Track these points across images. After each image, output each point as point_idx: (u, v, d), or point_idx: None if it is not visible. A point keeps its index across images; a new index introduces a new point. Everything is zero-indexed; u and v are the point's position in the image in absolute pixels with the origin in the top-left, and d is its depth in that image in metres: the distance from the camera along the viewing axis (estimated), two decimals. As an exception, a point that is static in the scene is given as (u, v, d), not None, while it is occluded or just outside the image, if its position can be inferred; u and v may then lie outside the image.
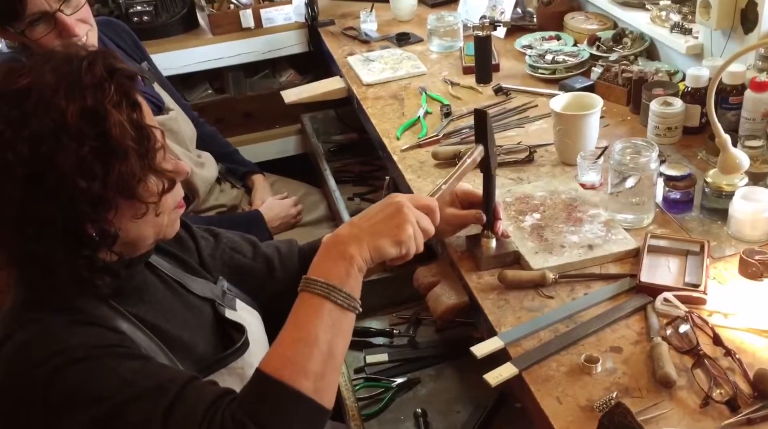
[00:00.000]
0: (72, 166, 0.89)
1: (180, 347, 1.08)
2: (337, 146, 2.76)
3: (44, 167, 0.89)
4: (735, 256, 1.31)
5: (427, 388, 1.69)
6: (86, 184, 0.90)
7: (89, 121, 0.90)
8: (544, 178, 1.61)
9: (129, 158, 0.93)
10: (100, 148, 0.91)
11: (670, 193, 1.44)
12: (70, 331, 0.94)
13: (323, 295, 0.97)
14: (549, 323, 1.21)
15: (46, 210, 0.90)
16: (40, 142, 0.88)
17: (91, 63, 0.94)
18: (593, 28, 2.20)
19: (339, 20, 2.67)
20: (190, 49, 2.64)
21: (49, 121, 0.89)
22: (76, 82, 0.92)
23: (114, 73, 0.95)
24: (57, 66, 0.93)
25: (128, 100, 0.95)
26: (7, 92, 0.91)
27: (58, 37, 1.62)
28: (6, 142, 0.89)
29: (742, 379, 1.07)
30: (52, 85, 0.90)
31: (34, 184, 0.89)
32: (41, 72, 0.92)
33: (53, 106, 0.89)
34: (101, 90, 0.92)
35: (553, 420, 1.05)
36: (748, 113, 1.56)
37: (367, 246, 1.01)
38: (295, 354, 0.93)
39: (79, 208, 0.91)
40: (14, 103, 0.90)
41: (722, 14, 1.70)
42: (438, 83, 2.14)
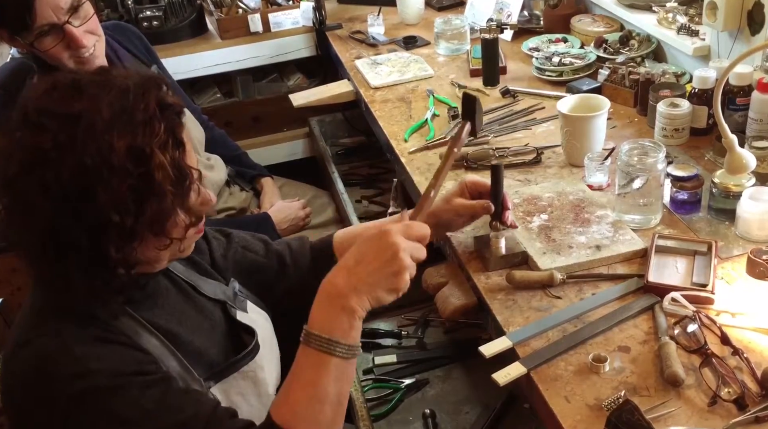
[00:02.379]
0: (108, 200, 0.90)
1: (192, 351, 1.09)
2: (345, 149, 2.78)
3: (81, 196, 0.90)
4: (742, 256, 1.31)
5: (436, 389, 1.70)
6: (119, 218, 0.91)
7: (134, 160, 0.91)
8: (552, 179, 1.62)
9: (165, 199, 0.95)
10: (138, 187, 0.92)
11: (677, 193, 1.45)
12: (92, 352, 0.95)
13: (328, 352, 0.98)
14: (557, 323, 1.22)
15: (73, 234, 0.91)
16: (83, 172, 0.89)
17: (145, 96, 0.95)
18: (600, 30, 2.20)
19: (346, 24, 2.69)
20: (198, 54, 2.65)
21: (96, 153, 0.89)
22: (128, 119, 0.92)
23: (165, 108, 0.96)
24: (113, 100, 0.92)
25: (174, 140, 0.96)
26: (60, 112, 0.91)
27: (67, 48, 1.64)
28: (50, 162, 0.89)
29: (750, 378, 1.08)
30: (105, 120, 0.91)
31: (67, 208, 0.90)
32: (97, 102, 0.92)
33: (103, 140, 0.90)
34: (151, 129, 0.93)
35: (562, 419, 1.06)
36: (755, 114, 1.56)
37: (367, 297, 1.01)
38: (308, 411, 0.98)
39: (107, 238, 0.92)
40: (64, 126, 0.90)
41: (729, 16, 1.70)
42: (445, 86, 2.15)
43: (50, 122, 0.91)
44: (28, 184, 0.90)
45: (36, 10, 1.56)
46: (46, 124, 0.91)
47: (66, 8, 1.60)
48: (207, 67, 2.68)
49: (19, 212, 0.93)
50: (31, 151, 0.90)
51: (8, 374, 0.99)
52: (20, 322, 1.02)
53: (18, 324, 1.03)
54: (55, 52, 1.64)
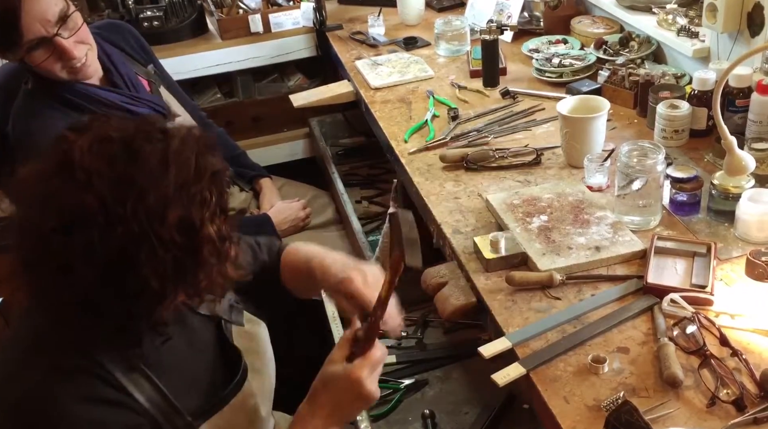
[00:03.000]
0: (151, 268, 0.88)
1: (182, 385, 1.06)
2: (345, 150, 2.78)
3: (125, 262, 0.87)
4: (742, 257, 1.31)
5: (435, 390, 1.70)
6: (158, 285, 0.89)
7: (183, 232, 0.89)
8: (552, 180, 1.62)
9: (206, 268, 0.94)
10: (183, 258, 0.90)
11: (676, 195, 1.45)
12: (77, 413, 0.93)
13: None
14: (556, 324, 1.22)
15: (110, 296, 0.89)
16: (130, 240, 0.86)
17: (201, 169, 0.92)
18: (600, 31, 2.21)
19: (347, 25, 2.69)
20: (199, 54, 2.65)
21: (146, 223, 0.87)
22: (185, 193, 0.90)
23: (215, 176, 0.94)
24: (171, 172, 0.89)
25: (221, 209, 0.95)
26: (112, 176, 0.87)
27: (59, 60, 1.62)
28: (95, 226, 0.86)
29: (749, 380, 1.08)
30: (161, 191, 0.88)
31: (106, 271, 0.87)
32: (153, 170, 0.89)
33: (155, 211, 0.87)
34: (203, 201, 0.91)
35: (561, 419, 1.06)
36: (755, 116, 1.56)
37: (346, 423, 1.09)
38: None
39: (140, 301, 0.91)
40: (116, 191, 0.86)
41: (729, 17, 1.71)
42: (445, 87, 2.15)
43: (101, 183, 0.86)
44: (69, 244, 0.86)
45: (23, 25, 1.53)
46: (96, 184, 0.86)
47: (54, 20, 1.57)
48: (207, 67, 2.68)
49: (53, 270, 0.88)
50: (75, 209, 0.86)
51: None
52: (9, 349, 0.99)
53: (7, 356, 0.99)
54: (47, 65, 1.62)
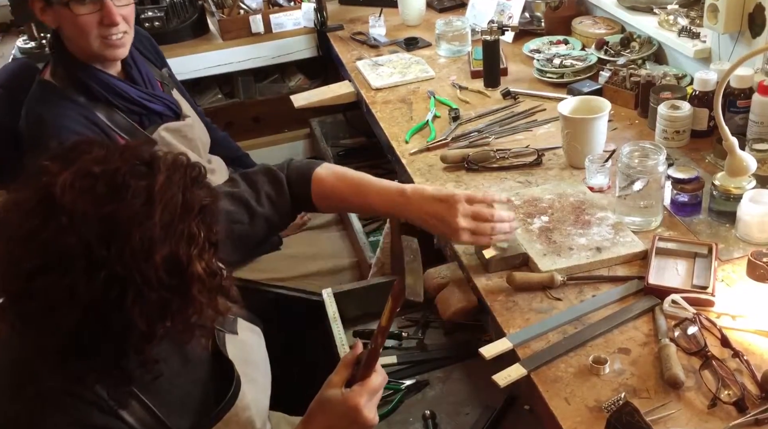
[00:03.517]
0: (139, 311, 0.85)
1: (175, 405, 1.04)
2: (346, 150, 2.78)
3: (109, 304, 0.84)
4: (743, 258, 1.31)
5: (436, 390, 1.69)
6: (145, 325, 0.86)
7: (170, 271, 0.86)
8: (553, 181, 1.62)
9: (195, 306, 0.91)
10: (170, 298, 0.87)
11: (678, 195, 1.45)
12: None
13: None
14: (557, 325, 1.22)
15: (96, 337, 0.86)
16: (114, 282, 0.83)
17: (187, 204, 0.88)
18: (601, 32, 2.21)
19: (348, 25, 2.69)
20: (200, 54, 2.66)
21: (131, 264, 0.83)
22: (172, 232, 0.86)
23: (203, 209, 0.91)
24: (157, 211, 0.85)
25: (210, 242, 0.92)
26: (94, 215, 0.83)
27: (98, 24, 1.62)
28: (80, 269, 0.82)
29: (750, 381, 1.08)
30: (148, 232, 0.84)
31: (91, 313, 0.84)
32: (138, 209, 0.84)
33: (141, 251, 0.83)
34: (191, 237, 0.88)
35: (562, 420, 1.06)
36: (756, 116, 1.56)
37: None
38: None
39: (128, 341, 0.88)
40: (98, 230, 0.83)
41: (730, 18, 1.71)
42: (446, 87, 2.15)
43: (83, 225, 0.82)
44: (51, 285, 0.83)
45: None
46: (78, 224, 0.82)
47: None
48: (208, 67, 2.69)
49: (37, 312, 0.85)
50: (56, 251, 0.82)
51: None
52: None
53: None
54: (86, 22, 1.62)
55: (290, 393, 1.34)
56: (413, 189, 1.36)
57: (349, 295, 1.80)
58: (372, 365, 1.08)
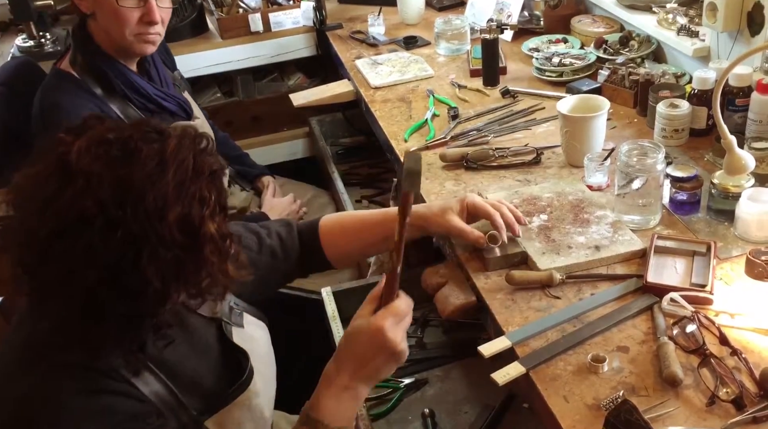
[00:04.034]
0: (153, 269, 0.87)
1: (186, 382, 1.06)
2: (345, 149, 2.78)
3: (126, 264, 0.87)
4: (741, 256, 1.32)
5: (435, 389, 1.70)
6: (161, 286, 0.89)
7: (183, 231, 0.89)
8: (551, 179, 1.62)
9: (207, 268, 0.94)
10: (185, 258, 0.90)
11: (676, 194, 1.45)
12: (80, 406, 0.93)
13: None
14: (556, 323, 1.22)
15: (112, 298, 0.89)
16: (130, 241, 0.86)
17: (199, 167, 0.92)
18: (600, 31, 2.21)
19: (347, 24, 2.69)
20: (199, 53, 2.66)
21: (146, 223, 0.86)
22: (184, 192, 0.89)
23: (213, 175, 0.94)
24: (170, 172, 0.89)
25: (221, 207, 0.95)
26: (110, 177, 0.87)
27: (138, 20, 1.66)
28: (97, 230, 0.85)
29: (748, 379, 1.08)
30: (160, 192, 0.87)
31: (109, 274, 0.87)
32: (151, 171, 0.88)
33: (155, 211, 0.87)
34: (203, 199, 0.91)
35: (561, 419, 1.06)
36: (755, 115, 1.56)
37: (375, 382, 1.08)
38: None
39: (143, 303, 0.91)
40: (114, 192, 0.86)
41: (729, 17, 1.71)
42: (445, 86, 2.15)
43: (98, 187, 0.86)
44: (69, 248, 0.86)
45: None
46: (94, 187, 0.86)
47: None
48: (207, 66, 2.69)
49: (55, 276, 0.88)
50: (73, 215, 0.85)
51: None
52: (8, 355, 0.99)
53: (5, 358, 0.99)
54: (128, 15, 1.65)
55: (290, 392, 1.35)
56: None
57: (348, 293, 1.80)
58: (392, 288, 1.07)
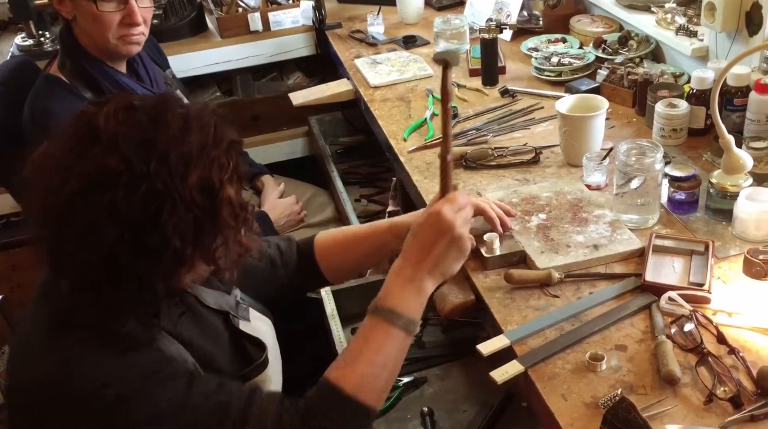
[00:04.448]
0: (173, 227, 0.91)
1: (201, 359, 1.08)
2: (345, 148, 2.78)
3: (148, 220, 0.91)
4: (739, 255, 1.32)
5: (434, 387, 1.70)
6: (180, 245, 0.93)
7: (203, 192, 0.94)
8: (550, 178, 1.63)
9: (223, 232, 0.98)
10: (203, 219, 0.94)
11: (675, 193, 1.46)
12: (118, 361, 0.96)
13: (403, 328, 1.09)
14: (554, 322, 1.23)
15: (132, 255, 0.92)
16: (153, 198, 0.90)
17: (220, 133, 0.98)
18: (599, 30, 2.21)
19: (346, 23, 2.69)
20: (198, 52, 2.66)
21: (168, 181, 0.91)
22: (205, 154, 0.94)
23: (232, 146, 1.00)
24: (193, 134, 0.94)
25: (238, 176, 1.00)
26: (137, 137, 0.92)
27: (120, 23, 1.66)
28: (120, 185, 0.89)
29: (746, 377, 1.08)
30: (182, 152, 0.92)
31: (132, 231, 0.90)
32: (176, 133, 0.94)
33: (177, 170, 0.91)
34: (222, 164, 0.96)
35: (559, 417, 1.06)
36: (753, 115, 1.57)
37: (440, 276, 1.14)
38: (373, 376, 1.07)
39: (161, 263, 0.94)
40: (140, 151, 0.91)
41: (727, 17, 1.71)
42: (444, 85, 2.15)
43: (125, 145, 0.91)
44: (94, 204, 0.89)
45: None
46: (121, 146, 0.90)
47: None
48: (207, 65, 2.69)
49: (78, 232, 0.91)
50: (100, 170, 0.90)
51: (25, 383, 0.98)
52: (33, 331, 1.01)
53: (29, 333, 1.02)
54: (109, 19, 1.65)
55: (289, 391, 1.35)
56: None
57: (347, 292, 1.80)
58: (446, 177, 1.16)
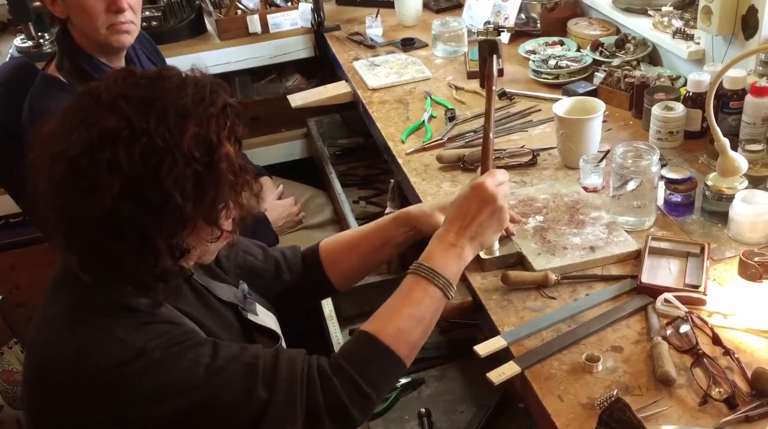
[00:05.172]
0: (173, 182, 0.94)
1: None
2: (343, 150, 2.79)
3: (148, 174, 0.93)
4: (735, 257, 1.33)
5: (432, 389, 1.71)
6: (181, 200, 0.95)
7: (201, 148, 0.97)
8: (547, 181, 1.63)
9: (224, 188, 1.00)
10: (202, 174, 0.97)
11: (671, 196, 1.46)
12: (139, 335, 0.98)
13: (441, 288, 1.16)
14: (551, 323, 1.23)
15: (135, 213, 0.94)
16: (153, 152, 0.93)
17: (216, 93, 1.01)
18: (596, 33, 2.22)
19: (345, 25, 2.70)
20: (197, 54, 2.66)
21: (167, 136, 0.94)
22: (202, 110, 0.98)
23: (227, 107, 1.02)
24: (189, 92, 0.98)
25: (235, 136, 1.03)
26: (136, 96, 0.96)
27: (106, 10, 1.66)
28: (121, 141, 0.93)
29: (741, 378, 1.09)
30: (180, 107, 0.96)
31: (133, 186, 0.93)
32: (173, 91, 0.97)
33: (175, 125, 0.95)
34: (219, 122, 0.99)
35: (555, 417, 1.07)
36: (749, 118, 1.58)
37: (479, 245, 1.22)
38: (409, 329, 1.12)
39: (163, 222, 0.96)
40: (140, 108, 0.95)
41: (723, 20, 1.72)
42: (442, 88, 2.16)
43: (125, 105, 0.95)
44: (97, 161, 0.93)
45: None
46: (121, 105, 0.94)
47: None
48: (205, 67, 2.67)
49: (82, 190, 0.94)
50: (102, 129, 0.93)
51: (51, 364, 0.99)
52: (53, 318, 1.03)
53: (49, 320, 1.03)
54: (93, 8, 1.65)
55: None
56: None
57: (345, 293, 1.80)
58: (488, 154, 1.29)
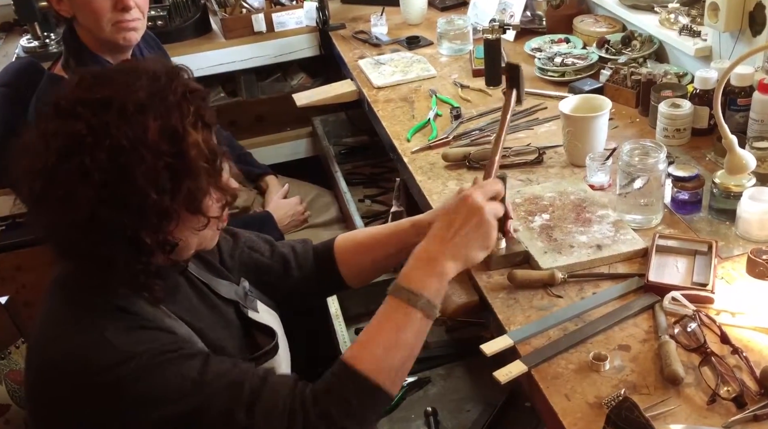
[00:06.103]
0: (146, 179, 0.93)
1: (211, 346, 1.09)
2: (348, 148, 2.79)
3: (119, 176, 0.93)
4: (743, 255, 1.32)
5: (438, 387, 1.71)
6: (157, 196, 0.94)
7: (168, 139, 0.95)
8: (554, 179, 1.63)
9: (199, 177, 0.99)
10: (174, 166, 0.96)
11: (678, 193, 1.46)
12: (131, 339, 0.98)
13: (415, 306, 1.06)
14: (558, 322, 1.23)
15: (114, 216, 0.94)
16: (120, 153, 0.93)
17: (174, 80, 0.99)
18: (602, 30, 2.21)
19: (350, 24, 2.70)
20: (203, 53, 2.66)
21: (131, 135, 0.93)
22: (160, 101, 0.96)
23: (191, 93, 1.00)
24: (144, 85, 0.96)
25: (203, 121, 1.01)
26: (91, 99, 0.95)
27: (112, 8, 1.67)
28: (86, 147, 0.92)
29: (749, 377, 1.09)
30: (137, 103, 0.94)
31: (107, 190, 0.93)
32: (127, 87, 0.96)
33: (136, 122, 0.94)
34: (181, 110, 0.97)
35: (562, 417, 1.07)
36: (756, 115, 1.57)
37: (462, 261, 1.11)
38: (389, 356, 1.05)
39: (145, 220, 0.96)
40: (97, 111, 0.94)
41: (730, 17, 1.71)
42: (448, 86, 2.16)
43: (83, 110, 0.94)
44: (67, 170, 0.92)
45: None
46: (80, 111, 0.94)
47: None
48: (211, 66, 2.69)
49: (59, 200, 0.94)
50: (66, 138, 0.93)
51: (44, 366, 1.00)
52: (50, 317, 1.03)
53: (47, 319, 1.04)
54: (100, 6, 1.65)
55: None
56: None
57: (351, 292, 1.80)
58: (489, 172, 1.24)
